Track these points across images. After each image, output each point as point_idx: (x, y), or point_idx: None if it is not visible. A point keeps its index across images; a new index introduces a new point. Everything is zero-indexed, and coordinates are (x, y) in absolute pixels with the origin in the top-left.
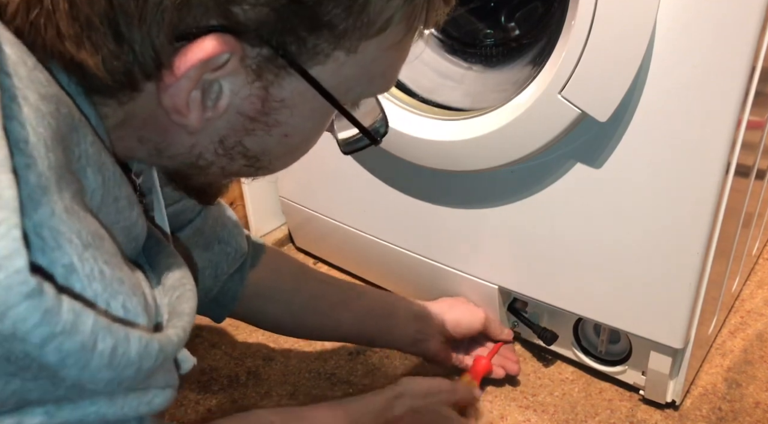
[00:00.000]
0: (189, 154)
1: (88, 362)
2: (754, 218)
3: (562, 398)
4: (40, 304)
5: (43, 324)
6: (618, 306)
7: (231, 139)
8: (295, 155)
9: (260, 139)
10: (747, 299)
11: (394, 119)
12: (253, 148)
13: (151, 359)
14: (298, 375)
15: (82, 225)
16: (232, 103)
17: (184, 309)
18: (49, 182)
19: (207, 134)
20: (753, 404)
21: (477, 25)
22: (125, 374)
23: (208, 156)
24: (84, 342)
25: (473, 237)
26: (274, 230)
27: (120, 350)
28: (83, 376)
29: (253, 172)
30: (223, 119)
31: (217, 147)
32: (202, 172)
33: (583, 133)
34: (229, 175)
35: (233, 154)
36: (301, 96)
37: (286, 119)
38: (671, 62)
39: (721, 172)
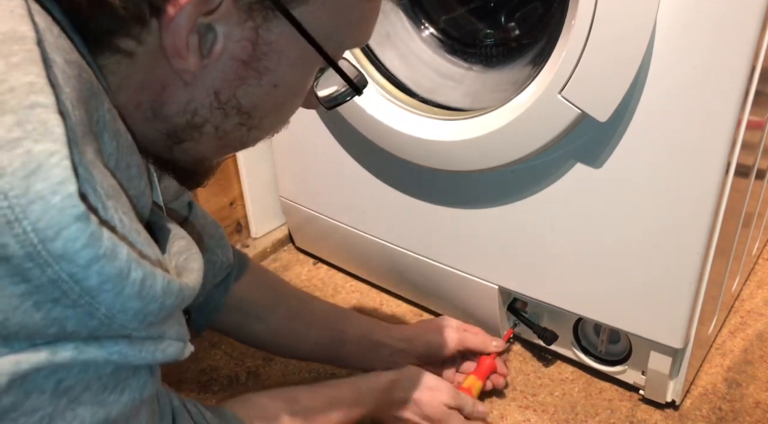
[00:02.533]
0: (185, 111)
1: (123, 288)
2: (754, 218)
3: (562, 398)
4: (87, 227)
5: (89, 246)
6: (618, 306)
7: (225, 91)
8: (281, 114)
9: (251, 90)
10: (747, 299)
11: (394, 119)
12: (245, 102)
13: (173, 297)
14: (298, 375)
15: (103, 177)
16: (226, 47)
17: (193, 267)
18: (76, 136)
19: (203, 86)
20: (753, 404)
21: (477, 25)
22: (150, 308)
23: (203, 112)
24: (121, 269)
25: (473, 237)
26: (274, 229)
27: (148, 282)
28: (116, 303)
29: (245, 133)
30: (218, 67)
31: (213, 100)
32: (196, 134)
33: (583, 133)
34: (223, 136)
35: (227, 109)
36: (287, 40)
37: (275, 66)
38: (671, 62)
39: (721, 172)
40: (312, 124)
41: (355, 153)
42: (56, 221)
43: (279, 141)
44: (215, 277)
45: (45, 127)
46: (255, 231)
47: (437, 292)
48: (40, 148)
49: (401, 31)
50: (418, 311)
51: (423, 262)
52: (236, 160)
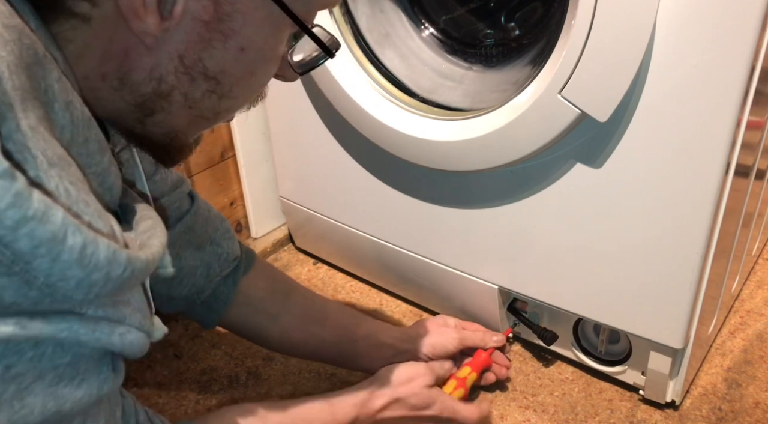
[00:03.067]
0: (150, 78)
1: (59, 254)
2: (754, 218)
3: (562, 398)
4: (11, 186)
5: (15, 206)
6: (618, 306)
7: (190, 55)
8: (253, 81)
9: (218, 53)
10: (747, 299)
11: (394, 119)
12: (212, 67)
13: (120, 268)
14: (298, 375)
15: (47, 145)
16: (187, 8)
17: (153, 243)
18: (13, 101)
19: (166, 50)
20: (753, 404)
21: (477, 26)
22: (94, 278)
23: (169, 78)
24: (55, 233)
25: (473, 237)
26: (274, 229)
27: (89, 250)
28: (54, 270)
29: (216, 101)
30: (180, 29)
31: (178, 65)
32: (165, 103)
33: (583, 133)
34: (193, 104)
35: (193, 74)
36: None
37: (240, 28)
38: (671, 62)
39: (721, 172)
40: (312, 124)
41: (355, 153)
42: None
43: (279, 141)
44: (222, 270)
45: None
46: (255, 231)
47: (437, 292)
48: None
49: (401, 31)
50: (418, 311)
51: (423, 262)
52: (236, 160)
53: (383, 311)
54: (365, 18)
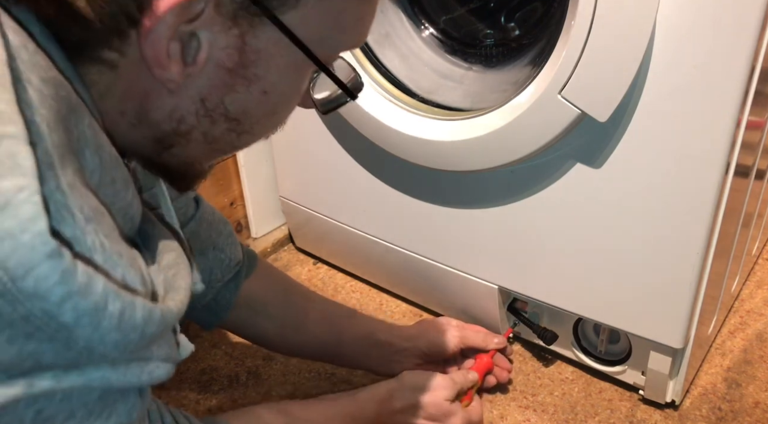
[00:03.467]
0: (170, 119)
1: (100, 322)
2: (754, 218)
3: (562, 398)
4: (60, 264)
5: (62, 283)
6: (618, 306)
7: (212, 98)
8: (275, 119)
9: (240, 97)
10: (747, 299)
11: (394, 119)
12: (233, 109)
13: (154, 325)
14: (298, 375)
15: (83, 200)
16: (211, 55)
17: (180, 285)
18: (53, 159)
19: (188, 94)
20: (753, 404)
21: (477, 26)
22: (131, 338)
23: (189, 119)
24: (97, 303)
25: (473, 237)
26: (274, 230)
27: (127, 314)
28: (94, 336)
29: (235, 138)
30: (204, 75)
31: (199, 108)
32: (183, 140)
33: (583, 133)
34: (212, 142)
35: (215, 116)
36: (276, 46)
37: (264, 73)
38: (671, 62)
39: (721, 172)
40: (312, 124)
41: (355, 153)
42: (26, 259)
43: (279, 141)
44: (224, 275)
45: (13, 160)
46: (255, 231)
47: (437, 292)
48: (7, 184)
49: (401, 31)
50: (418, 311)
51: (423, 262)
52: (236, 160)
53: (383, 311)
54: None
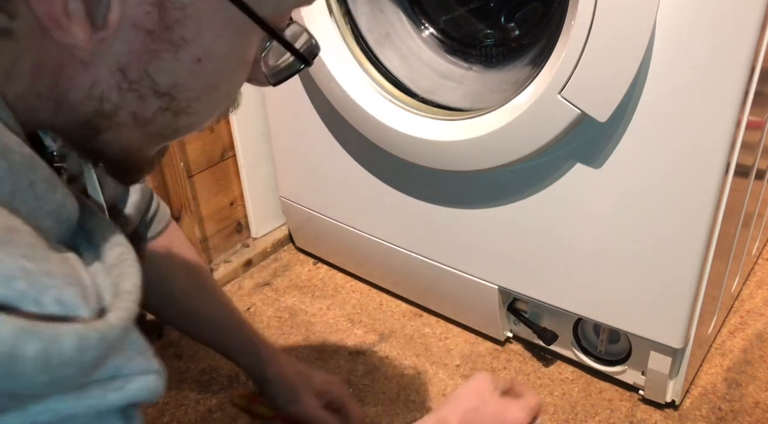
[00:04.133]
0: (90, 97)
1: (14, 370)
2: (754, 218)
3: (562, 398)
4: None
5: None
6: (618, 306)
7: (134, 67)
8: (217, 94)
9: (168, 65)
10: (747, 299)
11: (394, 119)
12: (162, 81)
13: (92, 350)
14: None
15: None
16: (125, 14)
17: (127, 288)
18: None
19: (105, 64)
20: (752, 403)
21: (477, 26)
22: (65, 373)
23: (112, 97)
24: (9, 351)
25: (473, 237)
26: (274, 229)
27: (52, 350)
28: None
29: (171, 119)
30: (119, 40)
31: (120, 80)
32: (111, 123)
33: (583, 133)
34: (145, 124)
35: (141, 91)
36: (206, 2)
37: (194, 36)
38: (671, 62)
39: (721, 172)
40: (312, 124)
41: (355, 153)
42: None
43: (279, 141)
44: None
45: None
46: (255, 231)
47: (437, 292)
48: None
49: (401, 31)
50: (418, 311)
51: (423, 262)
52: (236, 160)
53: (383, 311)
54: (365, 18)
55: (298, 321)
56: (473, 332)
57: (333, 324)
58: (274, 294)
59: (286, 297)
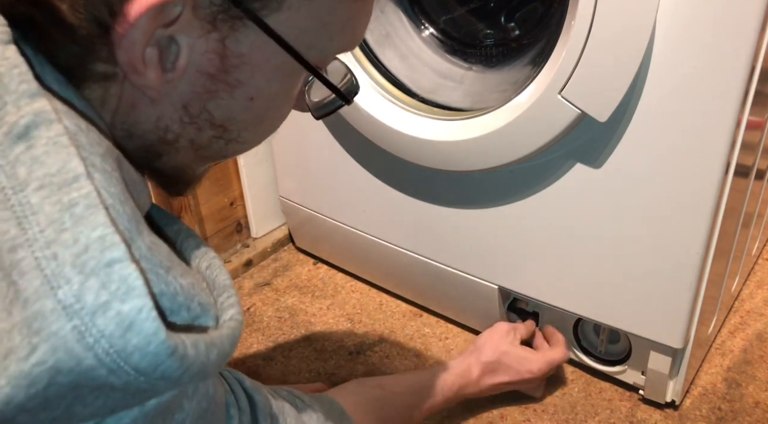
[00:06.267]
0: (156, 128)
1: (206, 372)
2: (754, 218)
3: (562, 398)
4: (177, 356)
5: (181, 367)
6: (618, 306)
7: (195, 104)
8: (264, 126)
9: (224, 103)
10: (747, 299)
11: (394, 119)
12: (218, 115)
13: (236, 344)
14: (298, 375)
15: (161, 254)
16: (191, 61)
17: (225, 282)
18: (132, 233)
19: (170, 102)
20: (753, 404)
21: (477, 26)
22: (223, 364)
23: (174, 127)
24: (204, 362)
25: (473, 237)
26: (274, 230)
27: (221, 352)
28: (202, 381)
29: (223, 146)
30: (184, 82)
31: (183, 115)
32: (171, 148)
33: (583, 133)
34: (200, 149)
35: (199, 123)
36: (261, 50)
37: (248, 79)
38: (671, 62)
39: (721, 172)
40: (312, 124)
41: (355, 153)
42: (153, 361)
43: (279, 141)
44: None
45: (126, 284)
46: (255, 231)
47: (437, 292)
48: (127, 307)
49: (401, 31)
50: (418, 311)
51: (423, 262)
52: (236, 160)
53: (383, 311)
54: None
55: (298, 321)
56: (473, 332)
57: (333, 324)
58: (274, 294)
59: (286, 297)
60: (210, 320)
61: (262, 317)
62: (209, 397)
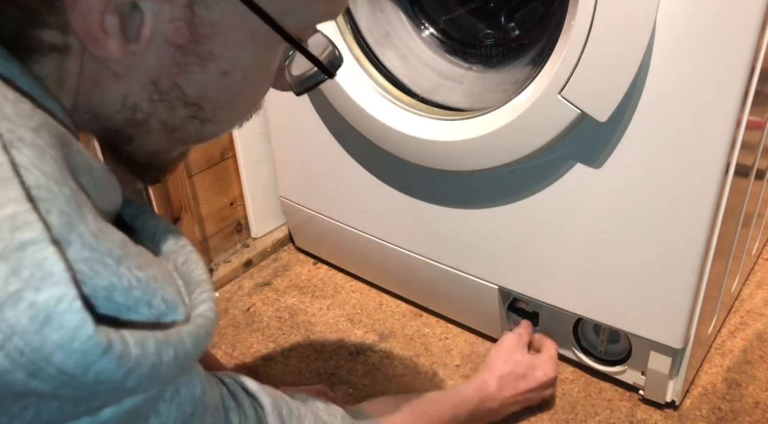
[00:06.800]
0: (123, 108)
1: (159, 374)
2: (754, 218)
3: (562, 398)
4: (113, 353)
5: (121, 367)
6: (618, 306)
7: (164, 80)
8: (241, 104)
9: (197, 78)
10: (747, 299)
11: (394, 119)
12: (191, 92)
13: (205, 342)
14: (298, 375)
15: (110, 242)
16: (157, 29)
17: (200, 276)
18: (71, 217)
19: (137, 77)
20: (753, 404)
21: (477, 26)
22: (188, 364)
23: (144, 106)
24: (153, 362)
25: (473, 237)
26: (274, 230)
27: (181, 352)
28: (157, 385)
29: (198, 126)
30: (151, 54)
31: (152, 92)
32: (141, 130)
33: (583, 133)
34: (173, 130)
35: (171, 101)
36: (232, 17)
37: (221, 51)
38: (671, 62)
39: (721, 172)
40: (312, 124)
41: (355, 153)
42: (82, 361)
43: (279, 141)
44: None
45: (42, 270)
46: (255, 231)
47: (437, 292)
48: (43, 297)
49: (401, 31)
50: (418, 311)
51: (423, 262)
52: (236, 160)
53: (383, 311)
54: (365, 18)
55: (298, 321)
56: (473, 332)
57: (333, 324)
58: (274, 294)
59: (286, 297)
60: (179, 317)
61: (262, 317)
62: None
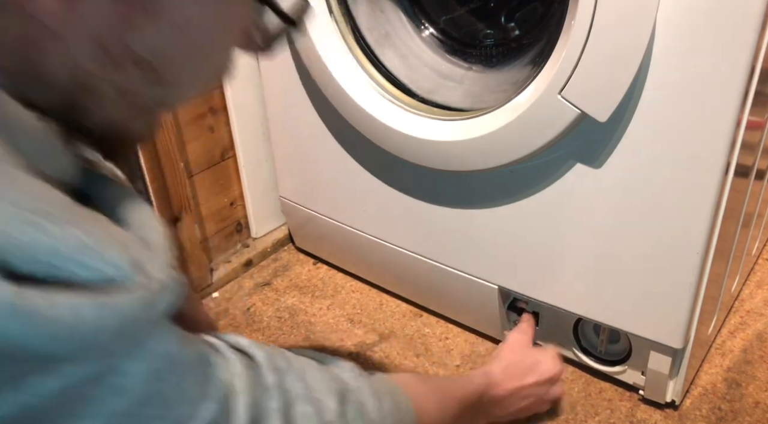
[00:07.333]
0: (71, 72)
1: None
2: (754, 218)
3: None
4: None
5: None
6: (618, 306)
7: (111, 38)
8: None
9: (148, 35)
10: (747, 299)
11: (394, 119)
12: (142, 51)
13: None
14: None
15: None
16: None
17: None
18: None
19: (78, 36)
20: (753, 404)
21: (477, 26)
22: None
23: (93, 69)
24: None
25: (473, 237)
26: (274, 229)
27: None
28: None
29: (158, 91)
30: (90, 7)
31: (99, 53)
32: (95, 99)
33: (583, 133)
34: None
35: (120, 62)
36: None
37: (170, 1)
38: (671, 62)
39: (721, 172)
40: (312, 124)
41: (355, 153)
42: None
43: (279, 141)
44: None
45: None
46: (255, 231)
47: (437, 292)
48: None
49: (401, 31)
50: (418, 311)
51: (423, 262)
52: (236, 160)
53: (383, 311)
54: (365, 18)
55: (298, 321)
56: (473, 332)
57: (333, 324)
58: (274, 294)
59: (286, 297)
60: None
61: (262, 317)
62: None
